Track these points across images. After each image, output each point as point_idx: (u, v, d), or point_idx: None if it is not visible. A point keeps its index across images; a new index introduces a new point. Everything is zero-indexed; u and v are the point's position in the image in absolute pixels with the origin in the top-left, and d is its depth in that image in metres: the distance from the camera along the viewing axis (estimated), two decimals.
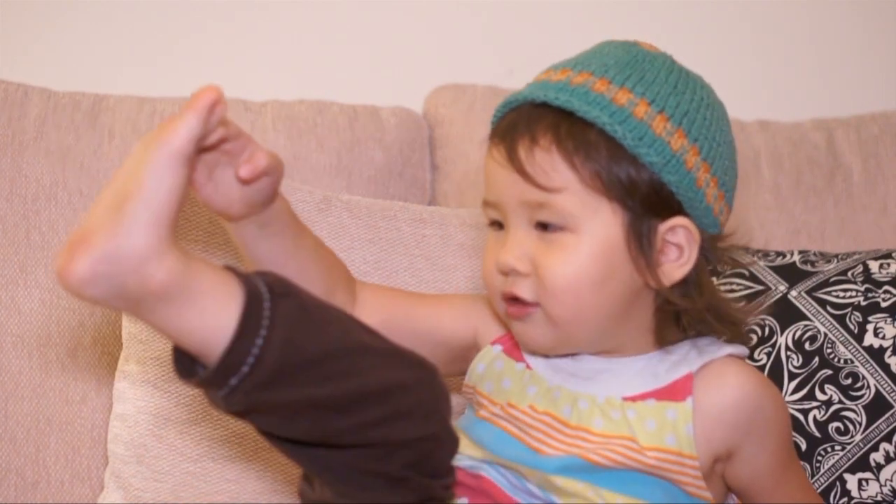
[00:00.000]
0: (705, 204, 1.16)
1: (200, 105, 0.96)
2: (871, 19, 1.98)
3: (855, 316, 1.41)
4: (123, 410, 1.40)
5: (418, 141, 1.69)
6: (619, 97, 1.13)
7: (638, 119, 1.13)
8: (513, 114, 1.16)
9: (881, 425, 1.37)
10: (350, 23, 1.83)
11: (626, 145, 1.12)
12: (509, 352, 1.22)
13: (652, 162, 1.12)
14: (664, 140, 1.13)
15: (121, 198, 0.94)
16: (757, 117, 1.79)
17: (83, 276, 0.93)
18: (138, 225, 0.93)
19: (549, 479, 1.15)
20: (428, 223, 1.50)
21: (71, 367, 1.50)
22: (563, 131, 1.12)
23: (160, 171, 0.94)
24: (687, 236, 1.15)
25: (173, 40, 1.79)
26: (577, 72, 1.15)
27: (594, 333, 1.16)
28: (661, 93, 1.15)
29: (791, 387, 1.40)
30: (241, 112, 1.62)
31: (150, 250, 0.94)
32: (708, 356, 1.17)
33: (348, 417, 1.00)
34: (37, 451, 1.47)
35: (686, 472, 1.15)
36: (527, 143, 1.13)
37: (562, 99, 1.13)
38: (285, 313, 0.99)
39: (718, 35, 1.94)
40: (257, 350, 0.97)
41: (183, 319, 0.96)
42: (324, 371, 0.99)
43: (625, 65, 1.16)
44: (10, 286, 1.49)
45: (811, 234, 1.70)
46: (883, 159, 1.75)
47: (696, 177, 1.15)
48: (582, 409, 1.16)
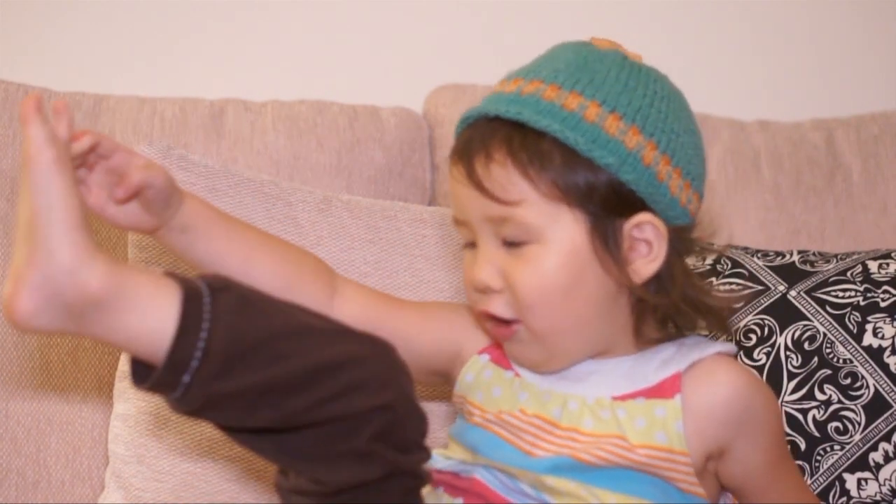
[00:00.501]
0: (670, 196, 1.16)
1: (25, 113, 0.98)
2: (871, 19, 1.98)
3: (854, 316, 1.42)
4: (124, 410, 1.40)
5: (418, 141, 1.69)
6: (570, 102, 1.13)
7: (589, 122, 1.13)
8: (469, 130, 1.17)
9: (880, 425, 1.37)
10: (350, 23, 1.83)
11: (579, 150, 1.12)
12: (497, 360, 1.23)
13: (608, 164, 1.12)
14: (618, 140, 1.13)
15: (29, 226, 0.97)
16: (757, 117, 1.79)
17: (28, 309, 0.96)
18: (53, 240, 0.96)
19: (541, 480, 1.15)
20: (428, 223, 1.50)
21: (72, 367, 1.50)
22: (515, 144, 1.13)
23: (42, 186, 0.97)
24: (654, 231, 1.15)
25: (173, 40, 1.79)
26: (528, 80, 1.16)
27: (579, 342, 1.17)
28: (611, 92, 1.15)
29: (790, 386, 1.40)
30: (242, 112, 1.62)
31: (76, 259, 0.96)
32: (696, 355, 1.17)
33: (304, 395, 1.01)
34: (37, 450, 1.47)
35: (678, 469, 1.15)
36: (483, 158, 1.14)
37: (512, 111, 1.13)
38: (226, 305, 1.00)
39: (718, 35, 1.94)
40: (203, 343, 0.98)
41: (126, 325, 0.98)
42: (273, 352, 1.01)
43: (575, 68, 1.16)
44: None
45: (811, 234, 1.70)
46: (882, 159, 1.75)
47: (657, 171, 1.14)
48: (572, 409, 1.16)
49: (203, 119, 1.61)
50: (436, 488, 1.20)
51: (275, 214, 1.42)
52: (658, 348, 1.19)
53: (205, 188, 1.40)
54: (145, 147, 1.40)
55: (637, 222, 1.15)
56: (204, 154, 1.57)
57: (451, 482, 1.19)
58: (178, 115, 1.61)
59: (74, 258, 0.96)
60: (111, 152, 1.11)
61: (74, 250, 0.96)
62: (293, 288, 1.19)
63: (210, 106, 1.62)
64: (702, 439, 1.15)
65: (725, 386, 1.16)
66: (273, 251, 1.21)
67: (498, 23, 1.86)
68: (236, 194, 1.41)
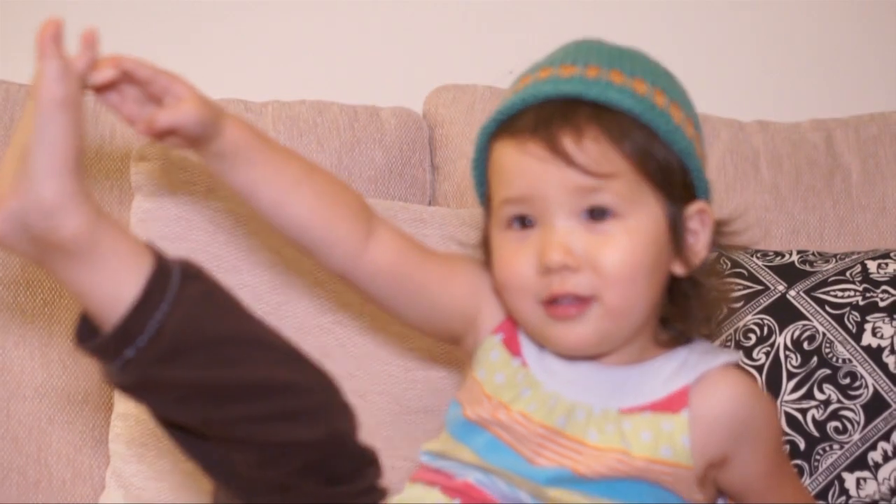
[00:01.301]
0: (707, 189, 1.18)
1: (41, 43, 0.97)
2: (870, 19, 1.98)
3: (853, 315, 1.42)
4: (125, 409, 1.40)
5: (418, 141, 1.69)
6: (638, 87, 1.13)
7: (660, 108, 1.13)
8: (536, 109, 1.13)
9: (879, 424, 1.37)
10: (350, 23, 1.83)
11: (659, 133, 1.12)
12: (507, 343, 1.19)
13: (680, 149, 1.13)
14: (682, 128, 1.14)
15: (22, 153, 0.96)
16: (756, 117, 1.79)
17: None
18: (39, 176, 0.95)
19: (541, 490, 1.14)
20: (428, 223, 1.50)
21: (72, 366, 1.50)
22: (605, 121, 1.11)
23: (42, 124, 0.96)
24: (702, 220, 1.16)
25: (173, 40, 1.79)
26: (583, 66, 1.14)
27: (637, 324, 1.15)
28: (667, 82, 1.16)
29: (790, 386, 1.40)
30: (242, 112, 1.62)
31: (56, 201, 0.95)
32: (704, 367, 1.16)
33: (234, 407, 1.00)
34: (38, 450, 1.47)
35: (680, 481, 1.14)
36: (572, 134, 1.11)
37: (594, 92, 1.12)
38: (192, 294, 0.99)
39: (718, 35, 1.94)
40: (156, 324, 0.98)
41: (87, 279, 0.97)
42: (219, 355, 1.00)
43: (625, 56, 1.16)
44: (13, 286, 1.50)
45: (810, 234, 1.70)
46: (882, 160, 1.75)
47: (704, 163, 1.17)
48: (578, 419, 1.15)
49: None
50: (431, 487, 1.20)
51: None
52: (667, 356, 1.18)
53: (205, 188, 1.40)
54: (146, 147, 1.40)
55: (698, 209, 1.16)
56: None
57: (446, 483, 1.18)
58: None
59: (55, 200, 0.95)
60: (149, 80, 1.08)
61: (58, 192, 0.95)
62: (329, 226, 1.16)
63: None
64: (705, 451, 1.15)
65: (730, 398, 1.15)
66: (312, 186, 1.16)
67: (498, 23, 1.86)
68: (237, 194, 1.41)
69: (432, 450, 1.20)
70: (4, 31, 1.75)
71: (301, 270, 1.41)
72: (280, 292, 1.40)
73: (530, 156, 1.12)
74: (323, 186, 1.17)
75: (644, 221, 1.13)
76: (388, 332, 1.42)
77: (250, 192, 1.14)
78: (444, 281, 1.21)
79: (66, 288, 0.99)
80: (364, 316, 1.42)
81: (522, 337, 1.20)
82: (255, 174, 1.13)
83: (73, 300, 1.51)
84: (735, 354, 1.20)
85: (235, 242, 1.40)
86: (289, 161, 1.16)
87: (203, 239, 1.39)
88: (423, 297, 1.15)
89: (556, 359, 1.18)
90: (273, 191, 1.14)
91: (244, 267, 1.40)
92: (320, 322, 1.40)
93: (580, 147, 1.11)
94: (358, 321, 1.42)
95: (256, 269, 1.40)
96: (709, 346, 1.20)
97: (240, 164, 1.13)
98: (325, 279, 1.42)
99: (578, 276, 1.12)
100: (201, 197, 1.40)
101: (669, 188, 1.13)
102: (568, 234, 1.12)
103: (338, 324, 1.41)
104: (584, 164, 1.11)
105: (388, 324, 1.42)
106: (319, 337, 1.26)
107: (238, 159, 1.13)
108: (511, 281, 1.15)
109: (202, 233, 1.39)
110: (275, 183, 1.14)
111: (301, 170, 1.16)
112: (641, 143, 1.12)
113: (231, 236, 1.40)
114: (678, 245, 1.15)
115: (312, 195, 1.16)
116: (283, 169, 1.15)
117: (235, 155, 1.12)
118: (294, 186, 1.15)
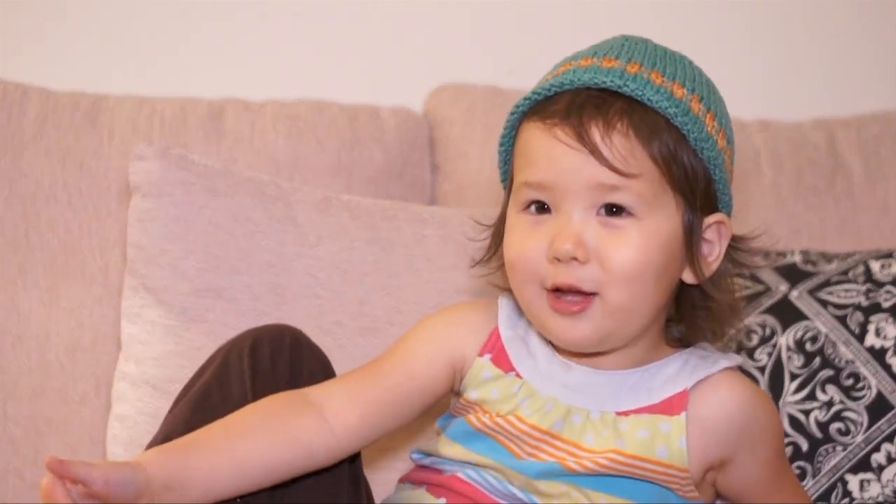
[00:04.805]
0: (730, 203, 1.18)
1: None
2: (871, 19, 1.98)
3: (856, 316, 1.41)
4: (122, 411, 1.40)
5: (418, 141, 1.68)
6: (676, 91, 1.13)
7: (695, 114, 1.13)
8: (570, 96, 1.13)
9: (882, 426, 1.36)
10: (350, 23, 1.83)
11: (690, 138, 1.12)
12: (497, 361, 1.19)
13: (708, 157, 1.13)
14: (714, 138, 1.14)
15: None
16: (757, 117, 1.79)
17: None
18: None
19: (532, 483, 1.14)
20: (428, 223, 1.49)
21: (70, 367, 1.49)
22: (636, 118, 1.11)
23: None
24: (719, 232, 1.16)
25: (173, 40, 1.79)
26: (626, 61, 1.14)
27: (639, 326, 1.15)
28: (705, 90, 1.16)
29: (792, 387, 1.40)
30: (241, 112, 1.62)
31: None
32: (703, 371, 1.16)
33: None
34: (36, 451, 1.47)
35: (675, 481, 1.14)
36: (601, 125, 1.11)
37: (631, 87, 1.11)
38: None
39: (718, 35, 1.94)
40: None
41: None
42: None
43: (667, 58, 1.16)
44: (10, 286, 1.49)
45: (812, 234, 1.70)
46: (883, 159, 1.75)
47: (730, 176, 1.16)
48: (574, 423, 1.15)
49: (202, 119, 1.61)
50: (417, 487, 1.19)
51: (275, 214, 1.42)
52: (665, 360, 1.18)
53: (204, 188, 1.39)
54: (144, 147, 1.39)
55: (717, 220, 1.15)
56: (203, 154, 1.56)
57: (433, 480, 1.18)
58: (178, 114, 1.60)
59: None
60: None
61: None
62: (293, 449, 1.13)
63: (209, 106, 1.62)
64: (703, 454, 1.15)
65: (730, 402, 1.15)
66: (254, 442, 1.13)
67: (498, 23, 1.86)
68: (236, 194, 1.41)
69: (422, 448, 1.20)
70: (4, 31, 1.75)
71: (300, 271, 1.41)
72: (279, 293, 1.40)
73: (557, 141, 1.12)
74: (263, 434, 1.13)
75: (660, 223, 1.12)
76: (387, 333, 1.42)
77: (211, 490, 1.11)
78: (413, 377, 1.19)
79: None
80: (363, 316, 1.42)
81: (510, 350, 1.19)
82: (204, 481, 1.10)
83: (69, 300, 1.50)
84: (736, 359, 1.19)
85: (235, 242, 1.39)
86: (215, 448, 1.12)
87: (203, 239, 1.38)
88: (403, 405, 1.15)
89: (553, 363, 1.18)
90: (229, 478, 1.11)
91: (243, 267, 1.39)
92: (319, 323, 1.40)
93: (608, 140, 1.10)
94: (357, 322, 1.42)
95: (255, 270, 1.40)
96: (709, 351, 1.20)
97: (186, 486, 1.09)
98: (324, 279, 1.41)
99: (585, 270, 1.11)
100: (201, 197, 1.39)
101: (691, 195, 1.13)
102: (582, 226, 1.11)
103: (337, 324, 1.41)
104: (610, 158, 1.10)
105: (386, 325, 1.42)
106: (318, 338, 1.26)
107: (178, 484, 1.09)
108: (519, 263, 1.15)
109: (202, 233, 1.39)
110: (225, 472, 1.11)
111: (233, 439, 1.13)
112: (670, 146, 1.11)
113: (231, 236, 1.39)
114: (691, 253, 1.14)
115: (260, 452, 1.12)
116: (220, 459, 1.11)
117: (172, 483, 1.09)
118: (241, 459, 1.12)
